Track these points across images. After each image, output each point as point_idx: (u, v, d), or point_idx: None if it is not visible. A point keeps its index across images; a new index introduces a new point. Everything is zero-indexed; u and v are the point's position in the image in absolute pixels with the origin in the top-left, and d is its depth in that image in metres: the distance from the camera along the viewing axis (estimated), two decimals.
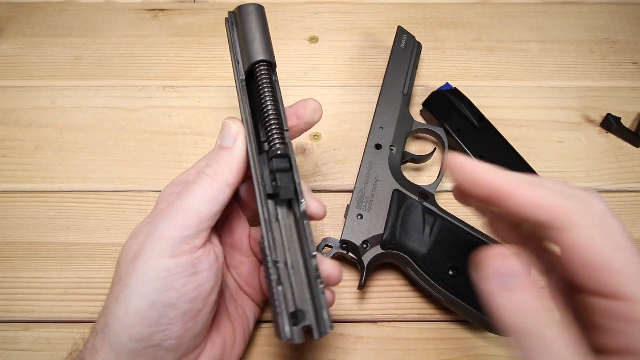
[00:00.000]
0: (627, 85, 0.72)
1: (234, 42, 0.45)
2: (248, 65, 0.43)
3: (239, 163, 0.42)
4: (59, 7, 0.79)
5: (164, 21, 0.77)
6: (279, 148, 0.41)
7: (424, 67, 0.74)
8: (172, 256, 0.38)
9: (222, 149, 0.42)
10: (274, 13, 0.78)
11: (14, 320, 0.55)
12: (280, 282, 0.38)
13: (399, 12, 0.79)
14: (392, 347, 0.54)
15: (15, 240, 0.60)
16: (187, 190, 0.41)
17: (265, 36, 0.44)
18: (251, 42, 0.43)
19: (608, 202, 0.67)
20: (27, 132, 0.68)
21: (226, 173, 0.41)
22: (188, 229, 0.39)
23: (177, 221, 0.39)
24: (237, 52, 0.44)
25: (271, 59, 0.43)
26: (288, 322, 0.37)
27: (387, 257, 0.56)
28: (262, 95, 0.42)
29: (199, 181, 0.41)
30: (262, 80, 0.42)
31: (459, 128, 0.65)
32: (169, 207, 0.40)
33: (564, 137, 0.68)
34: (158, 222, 0.40)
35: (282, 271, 0.39)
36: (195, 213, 0.39)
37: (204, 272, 0.40)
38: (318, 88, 0.72)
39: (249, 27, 0.43)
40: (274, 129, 0.41)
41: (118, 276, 0.40)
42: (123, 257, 0.41)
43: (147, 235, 0.40)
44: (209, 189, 0.40)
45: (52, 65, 0.73)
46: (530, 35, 0.77)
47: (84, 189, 0.64)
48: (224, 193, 0.41)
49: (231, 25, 0.45)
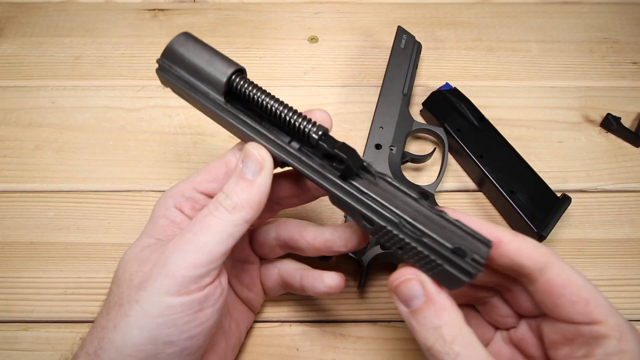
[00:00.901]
0: (627, 85, 0.72)
1: (185, 81, 0.40)
2: (223, 86, 0.39)
3: (261, 199, 0.39)
4: (59, 7, 0.79)
5: (164, 21, 0.77)
6: (316, 130, 0.38)
7: (424, 67, 0.74)
8: (179, 294, 0.36)
9: (243, 180, 0.38)
10: (274, 13, 0.78)
11: (14, 320, 0.55)
12: (424, 235, 0.35)
13: (399, 12, 0.79)
14: (392, 347, 0.54)
15: (15, 240, 0.60)
16: (202, 222, 0.38)
17: (216, 51, 0.40)
18: (209, 64, 0.39)
19: (608, 202, 0.67)
20: (27, 132, 0.68)
21: (246, 208, 0.38)
22: (199, 269, 0.37)
23: (188, 258, 0.37)
24: (198, 85, 0.40)
25: (239, 67, 0.40)
26: (460, 261, 0.34)
27: (387, 257, 0.56)
28: (260, 100, 0.39)
29: (216, 213, 0.38)
30: (249, 87, 0.39)
31: (459, 128, 0.65)
32: (180, 239, 0.38)
33: (564, 137, 0.68)
34: (169, 255, 0.37)
35: (412, 228, 0.35)
36: (208, 250, 0.37)
37: (208, 309, 0.38)
38: (318, 88, 0.72)
39: (194, 54, 0.40)
40: (297, 119, 0.38)
41: (118, 299, 0.38)
42: (126, 281, 0.38)
43: (155, 266, 0.37)
44: (225, 224, 0.37)
45: (52, 65, 0.73)
46: (530, 35, 0.77)
47: (84, 189, 0.64)
48: (241, 229, 0.38)
49: (167, 72, 0.41)
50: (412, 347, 0.54)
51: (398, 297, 0.36)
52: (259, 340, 0.54)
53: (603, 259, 0.59)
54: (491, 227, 0.36)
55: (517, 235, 0.36)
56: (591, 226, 0.62)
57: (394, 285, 0.36)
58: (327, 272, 0.47)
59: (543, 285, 0.35)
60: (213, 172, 0.42)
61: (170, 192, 0.43)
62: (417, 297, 0.35)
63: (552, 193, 0.60)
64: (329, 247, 0.45)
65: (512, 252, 0.35)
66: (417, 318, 0.35)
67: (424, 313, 0.34)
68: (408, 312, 0.36)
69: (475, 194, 0.65)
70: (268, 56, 0.74)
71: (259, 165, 0.39)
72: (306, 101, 0.70)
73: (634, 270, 0.59)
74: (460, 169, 0.66)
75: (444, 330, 0.34)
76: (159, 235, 0.41)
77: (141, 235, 0.42)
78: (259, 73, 0.73)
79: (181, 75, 0.40)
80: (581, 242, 0.61)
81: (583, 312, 0.34)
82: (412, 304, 0.35)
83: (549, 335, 0.37)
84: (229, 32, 0.76)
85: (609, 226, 0.61)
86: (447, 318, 0.34)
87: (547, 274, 0.35)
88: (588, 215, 0.62)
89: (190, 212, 0.42)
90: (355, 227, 0.45)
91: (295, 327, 0.55)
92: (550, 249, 0.36)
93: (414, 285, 0.35)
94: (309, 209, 0.62)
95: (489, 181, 0.61)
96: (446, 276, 0.35)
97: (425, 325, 0.34)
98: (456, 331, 0.34)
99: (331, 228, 0.46)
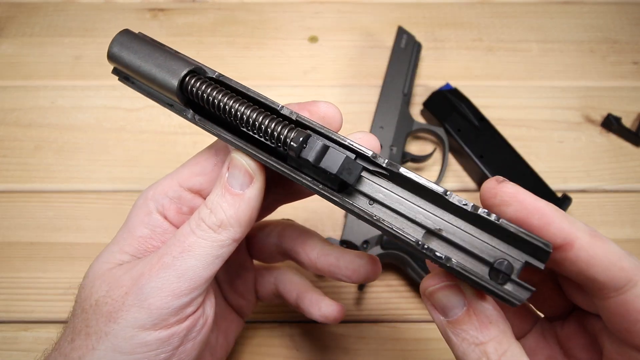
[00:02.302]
0: (628, 85, 0.72)
1: (144, 90, 0.34)
2: (178, 93, 0.32)
3: (252, 215, 0.33)
4: (59, 7, 0.79)
5: (164, 21, 0.77)
6: (294, 138, 0.30)
7: (424, 67, 0.73)
8: (155, 329, 0.31)
9: (230, 193, 0.32)
10: (274, 13, 0.78)
11: (14, 321, 0.55)
12: (449, 258, 0.27)
13: (399, 12, 0.79)
14: (392, 347, 0.54)
15: (15, 240, 0.60)
16: (183, 242, 0.32)
17: (161, 51, 0.33)
18: (158, 68, 0.32)
19: (609, 202, 0.66)
20: (27, 132, 0.68)
21: (234, 226, 0.32)
22: (180, 298, 0.31)
23: (167, 287, 0.31)
24: (155, 90, 0.33)
25: (189, 67, 0.32)
26: (498, 282, 0.27)
27: (387, 258, 0.56)
28: (220, 104, 0.31)
29: (199, 232, 0.32)
30: (202, 90, 0.31)
31: (460, 128, 0.65)
32: (157, 262, 0.32)
33: (564, 137, 0.68)
34: (144, 283, 0.31)
35: (436, 240, 0.29)
36: (190, 277, 0.31)
37: (189, 342, 0.33)
38: (318, 88, 0.72)
39: (137, 57, 0.33)
40: (268, 124, 0.31)
41: (84, 326, 0.32)
42: (92, 306, 0.32)
43: (127, 294, 0.31)
44: (210, 245, 0.32)
45: (52, 65, 0.73)
46: (530, 35, 0.77)
47: (84, 189, 0.64)
48: (229, 250, 0.33)
49: (121, 75, 0.35)
50: (412, 347, 0.54)
51: (433, 305, 0.31)
52: (259, 340, 0.54)
53: None
54: (564, 222, 0.28)
55: (597, 238, 0.28)
56: (592, 226, 0.61)
57: (428, 291, 0.31)
58: (326, 299, 0.42)
59: (616, 305, 0.28)
60: (201, 163, 0.36)
61: (151, 192, 0.37)
62: (457, 307, 0.29)
63: (552, 193, 0.60)
64: (332, 273, 0.40)
65: (583, 261, 0.28)
66: (456, 331, 0.29)
67: (464, 325, 0.29)
68: (445, 321, 0.30)
69: (475, 193, 0.64)
70: (268, 56, 0.74)
71: (248, 178, 0.32)
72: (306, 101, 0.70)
73: None
74: (460, 169, 0.66)
75: (488, 348, 0.28)
76: (135, 249, 0.35)
77: (112, 245, 0.35)
78: (259, 73, 0.73)
79: (137, 82, 0.34)
80: None
81: None
82: (451, 314, 0.30)
83: (611, 353, 0.31)
84: (229, 32, 0.76)
85: (609, 226, 0.61)
86: (493, 333, 0.28)
87: (627, 293, 0.28)
88: (589, 215, 0.62)
89: (176, 218, 0.36)
90: (366, 258, 0.39)
91: (295, 327, 0.55)
92: (638, 262, 0.28)
93: (453, 293, 0.30)
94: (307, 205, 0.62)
95: None
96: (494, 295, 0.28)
97: (467, 339, 0.29)
98: (503, 348, 0.28)
99: (339, 252, 0.40)
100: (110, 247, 0.35)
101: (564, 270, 0.29)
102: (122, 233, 0.36)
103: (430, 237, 0.29)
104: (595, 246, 0.28)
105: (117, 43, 0.33)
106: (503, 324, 0.29)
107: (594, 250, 0.28)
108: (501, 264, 0.27)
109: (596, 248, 0.28)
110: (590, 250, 0.28)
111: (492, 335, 0.28)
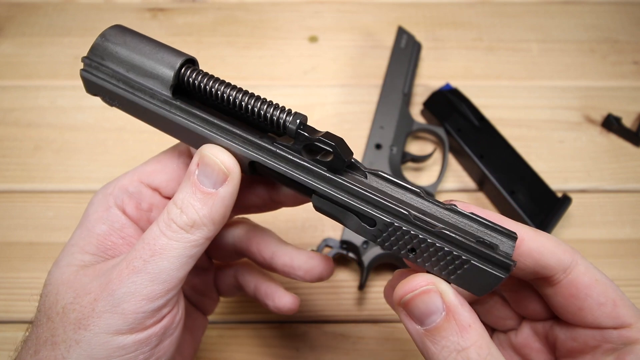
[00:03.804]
0: (628, 85, 0.72)
1: (120, 80, 0.34)
2: (172, 78, 0.32)
3: (225, 213, 0.32)
4: (59, 6, 0.79)
5: (164, 21, 0.77)
6: (292, 120, 0.31)
7: (424, 67, 0.73)
8: (132, 332, 0.30)
9: (201, 192, 0.31)
10: (274, 13, 0.78)
11: (14, 321, 0.55)
12: (443, 227, 0.28)
13: (399, 11, 0.79)
14: (392, 347, 0.54)
15: (15, 240, 0.60)
16: (153, 245, 0.31)
17: (158, 43, 0.34)
18: (151, 56, 0.33)
19: (609, 202, 0.66)
20: (27, 132, 0.68)
21: (207, 225, 0.31)
22: (155, 301, 0.30)
23: (140, 292, 0.30)
24: (137, 82, 0.33)
25: (189, 56, 0.34)
26: (491, 252, 0.28)
27: (388, 258, 0.56)
28: (219, 91, 0.32)
29: (170, 234, 0.31)
30: (203, 79, 0.32)
31: (460, 128, 0.65)
32: (127, 267, 0.30)
33: (564, 137, 0.68)
34: (114, 289, 0.30)
35: (426, 221, 0.29)
36: (163, 279, 0.30)
37: (167, 339, 0.33)
38: (318, 88, 0.72)
39: (131, 46, 0.33)
40: (268, 109, 0.31)
41: (50, 335, 0.31)
42: (59, 314, 0.31)
43: (97, 300, 0.30)
44: (183, 247, 0.31)
45: (52, 65, 0.73)
46: (530, 34, 0.76)
47: (84, 189, 0.64)
48: (202, 248, 0.32)
49: (97, 70, 0.35)
50: (412, 348, 0.54)
51: (409, 314, 0.29)
52: (259, 340, 0.54)
53: (604, 260, 0.59)
54: (510, 223, 0.31)
55: (538, 232, 0.31)
56: (592, 226, 0.61)
57: (405, 299, 0.29)
58: (281, 290, 0.42)
59: (567, 286, 0.31)
60: (163, 161, 0.36)
61: (109, 188, 0.36)
62: (436, 313, 0.28)
63: (552, 193, 0.60)
64: (286, 272, 0.40)
65: (535, 251, 0.30)
66: (436, 339, 0.28)
67: (444, 332, 0.28)
68: (421, 331, 0.28)
69: (475, 194, 0.64)
70: (268, 56, 0.74)
71: (222, 176, 0.31)
72: (306, 101, 0.70)
73: (635, 271, 0.58)
74: (460, 169, 0.66)
75: (471, 354, 0.27)
76: (95, 247, 0.34)
77: (71, 247, 0.34)
78: (259, 73, 0.73)
79: (115, 72, 0.34)
80: (582, 242, 0.60)
81: (611, 315, 0.30)
82: (428, 321, 0.28)
83: (566, 342, 0.33)
84: (228, 32, 0.76)
85: (610, 226, 0.61)
86: (474, 337, 0.28)
87: (572, 273, 0.31)
88: (589, 215, 0.62)
89: (134, 213, 0.35)
90: (320, 258, 0.40)
91: (295, 327, 0.55)
92: (573, 247, 0.32)
93: (432, 298, 0.28)
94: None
95: (490, 181, 0.61)
96: (474, 277, 0.28)
97: (447, 347, 0.28)
98: (484, 352, 0.27)
99: (293, 251, 0.41)
100: (69, 249, 0.34)
101: (522, 268, 0.31)
102: (80, 232, 0.35)
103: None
104: (540, 236, 0.31)
105: (109, 34, 0.34)
106: (480, 326, 0.28)
107: (540, 239, 0.31)
108: (484, 241, 0.29)
109: (541, 238, 0.31)
110: (537, 241, 0.31)
111: (473, 340, 0.28)
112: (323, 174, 0.31)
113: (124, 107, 0.35)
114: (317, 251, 0.46)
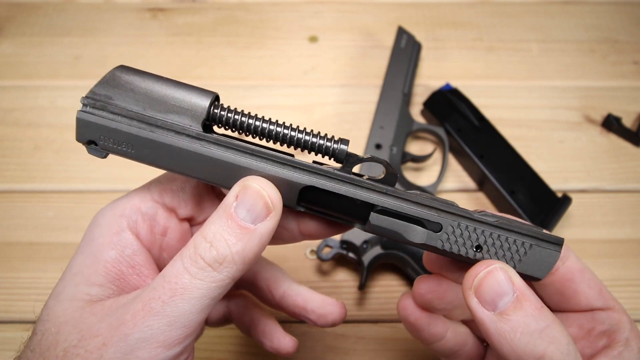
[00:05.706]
0: (628, 85, 0.72)
1: (134, 119, 0.30)
2: (205, 113, 0.30)
3: (259, 253, 0.29)
4: (59, 7, 0.79)
5: (164, 21, 0.77)
6: (339, 145, 0.31)
7: (424, 67, 0.73)
8: None
9: (238, 226, 0.28)
10: (274, 13, 0.78)
11: (14, 321, 0.55)
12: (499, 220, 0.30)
13: (399, 11, 0.79)
14: (392, 347, 0.54)
15: (15, 240, 0.60)
16: (174, 283, 0.27)
17: (175, 81, 0.32)
18: (176, 90, 0.31)
19: (609, 202, 0.66)
20: (27, 132, 0.68)
21: (238, 264, 0.28)
22: (171, 349, 0.27)
23: (156, 338, 0.26)
24: (159, 119, 0.30)
25: (215, 93, 0.32)
26: (544, 236, 0.30)
27: (388, 258, 0.56)
28: (257, 127, 0.30)
29: (194, 271, 0.27)
30: (237, 114, 0.31)
31: (460, 128, 0.65)
32: (143, 308, 0.27)
33: (564, 137, 0.68)
34: (127, 333, 0.26)
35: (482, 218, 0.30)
36: (183, 323, 0.27)
37: None
38: (318, 88, 0.72)
39: (150, 82, 0.31)
40: (317, 141, 0.31)
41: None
42: (59, 357, 0.27)
43: (106, 345, 0.26)
44: (207, 287, 0.27)
45: (52, 65, 0.73)
46: (530, 34, 0.76)
47: (84, 189, 0.64)
48: (226, 289, 0.28)
49: (103, 110, 0.31)
50: (412, 348, 0.54)
51: (480, 300, 0.28)
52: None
53: (604, 259, 0.59)
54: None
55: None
56: (592, 226, 0.61)
57: (475, 283, 0.28)
58: (281, 331, 0.39)
59: (564, 272, 0.33)
60: (179, 179, 0.33)
61: (118, 207, 0.31)
62: (507, 294, 0.27)
63: (552, 193, 0.60)
64: (296, 314, 0.38)
65: None
66: (512, 321, 0.27)
67: (520, 312, 0.27)
68: (493, 317, 0.27)
69: (475, 193, 0.64)
70: (268, 56, 0.74)
71: (265, 210, 0.28)
72: (306, 101, 0.70)
73: (635, 271, 0.58)
74: (460, 168, 0.66)
75: (553, 332, 0.26)
76: (103, 278, 0.30)
77: (74, 276, 0.30)
78: (259, 73, 0.73)
79: (129, 111, 0.30)
80: (582, 242, 0.60)
81: (600, 297, 0.33)
82: (501, 303, 0.27)
83: None
84: (228, 32, 0.76)
85: (610, 226, 0.61)
86: (550, 316, 0.27)
87: (568, 261, 0.34)
88: (589, 215, 0.62)
89: (147, 238, 0.32)
90: (336, 305, 0.38)
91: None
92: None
93: (500, 277, 0.28)
94: None
95: (490, 181, 0.61)
96: (536, 259, 0.30)
97: (526, 328, 0.26)
98: (564, 331, 0.27)
99: (307, 294, 0.38)
100: (72, 278, 0.29)
101: None
102: (84, 258, 0.30)
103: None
104: None
105: (121, 70, 0.31)
106: (545, 307, 0.28)
107: None
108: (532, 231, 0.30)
109: None
110: None
111: (551, 319, 0.27)
112: (384, 190, 0.31)
113: (136, 150, 0.31)
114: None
